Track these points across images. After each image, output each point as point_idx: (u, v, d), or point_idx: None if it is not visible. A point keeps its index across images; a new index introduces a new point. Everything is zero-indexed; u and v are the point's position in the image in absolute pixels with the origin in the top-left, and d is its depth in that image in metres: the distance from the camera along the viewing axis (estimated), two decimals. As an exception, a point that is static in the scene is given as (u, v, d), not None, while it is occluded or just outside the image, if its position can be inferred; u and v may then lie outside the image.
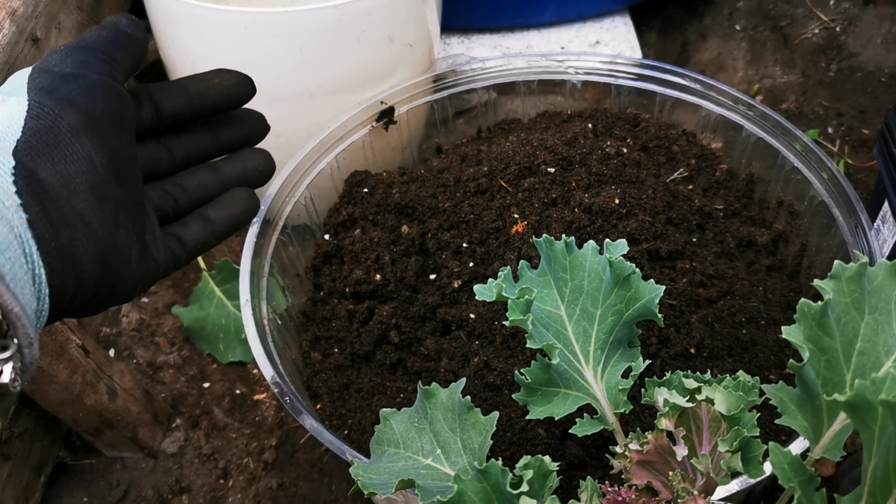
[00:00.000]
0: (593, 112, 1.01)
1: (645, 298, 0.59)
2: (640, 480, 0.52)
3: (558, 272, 0.63)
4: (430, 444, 0.59)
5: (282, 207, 0.93)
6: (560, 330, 0.62)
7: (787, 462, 0.46)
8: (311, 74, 1.02)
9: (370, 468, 0.58)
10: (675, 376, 0.55)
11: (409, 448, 0.59)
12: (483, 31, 1.48)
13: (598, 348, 0.61)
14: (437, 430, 0.59)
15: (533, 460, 0.51)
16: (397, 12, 1.02)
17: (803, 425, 0.50)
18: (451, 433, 0.59)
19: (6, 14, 0.91)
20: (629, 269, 0.59)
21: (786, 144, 0.93)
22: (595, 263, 0.62)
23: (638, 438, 0.53)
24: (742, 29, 1.53)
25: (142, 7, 1.09)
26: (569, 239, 0.63)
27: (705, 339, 0.79)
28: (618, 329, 0.61)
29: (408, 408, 0.61)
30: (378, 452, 0.60)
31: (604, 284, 0.61)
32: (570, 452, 0.72)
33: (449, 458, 0.58)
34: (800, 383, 0.51)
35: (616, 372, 0.61)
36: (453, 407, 0.59)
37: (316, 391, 0.85)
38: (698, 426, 0.52)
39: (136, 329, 1.14)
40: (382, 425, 0.60)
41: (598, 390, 0.59)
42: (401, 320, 0.87)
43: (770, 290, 0.87)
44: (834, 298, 0.50)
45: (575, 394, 0.60)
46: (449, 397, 0.59)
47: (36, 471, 0.94)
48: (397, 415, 0.61)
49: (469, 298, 0.85)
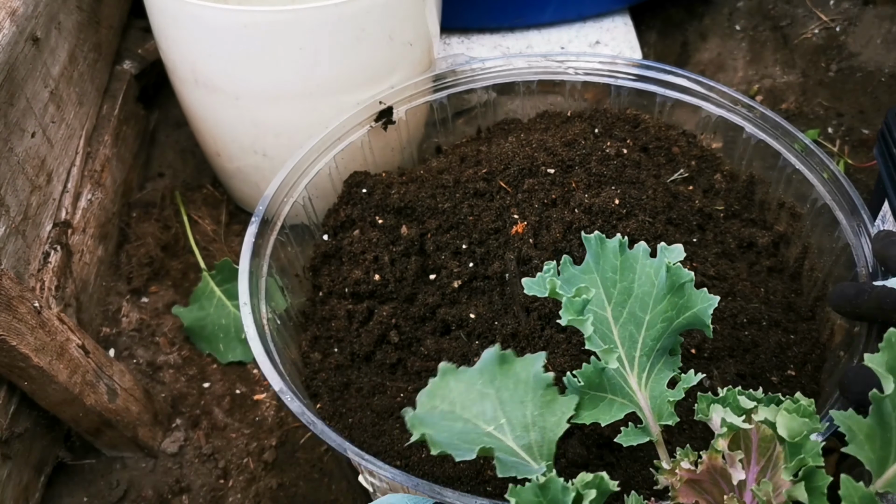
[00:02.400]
0: (593, 112, 1.01)
1: (697, 308, 0.57)
2: (688, 499, 0.50)
3: (607, 272, 0.60)
4: (493, 412, 0.55)
5: (280, 207, 0.93)
6: (606, 332, 0.60)
7: (859, 496, 0.45)
8: (311, 74, 1.02)
9: (427, 422, 0.54)
10: (730, 393, 0.52)
11: (466, 410, 0.55)
12: (483, 31, 1.48)
13: (643, 355, 0.59)
14: (503, 398, 0.55)
15: (594, 478, 0.49)
16: (397, 11, 1.02)
17: (869, 456, 0.48)
18: (519, 405, 0.55)
19: (6, 14, 0.91)
20: (686, 277, 0.57)
21: (786, 145, 0.93)
22: (647, 266, 0.60)
23: (689, 456, 0.51)
24: (742, 29, 1.52)
25: (142, 7, 1.09)
26: (623, 239, 0.60)
27: (706, 339, 0.79)
28: (665, 337, 0.59)
29: (468, 367, 0.57)
30: (427, 406, 0.55)
31: (656, 289, 0.59)
32: (573, 451, 0.72)
33: (514, 431, 0.54)
34: (874, 414, 0.49)
35: (660, 380, 0.59)
36: (528, 379, 0.56)
37: (316, 391, 0.85)
38: (748, 447, 0.50)
39: (136, 329, 1.14)
40: (439, 380, 0.56)
41: (642, 398, 0.57)
42: (400, 320, 0.86)
43: (771, 292, 0.87)
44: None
45: (621, 401, 0.58)
46: (526, 368, 0.56)
47: (36, 471, 0.94)
48: (457, 373, 0.56)
49: (469, 298, 0.85)
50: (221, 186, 1.30)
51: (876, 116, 1.34)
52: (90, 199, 1.11)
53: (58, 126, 1.03)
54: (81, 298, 1.06)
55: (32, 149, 0.96)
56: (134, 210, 1.25)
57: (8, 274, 0.79)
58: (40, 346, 0.82)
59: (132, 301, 1.16)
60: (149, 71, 1.32)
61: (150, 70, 1.32)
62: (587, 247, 0.61)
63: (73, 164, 1.08)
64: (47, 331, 0.84)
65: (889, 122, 0.94)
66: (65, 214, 1.04)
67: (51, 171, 1.01)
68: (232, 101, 1.06)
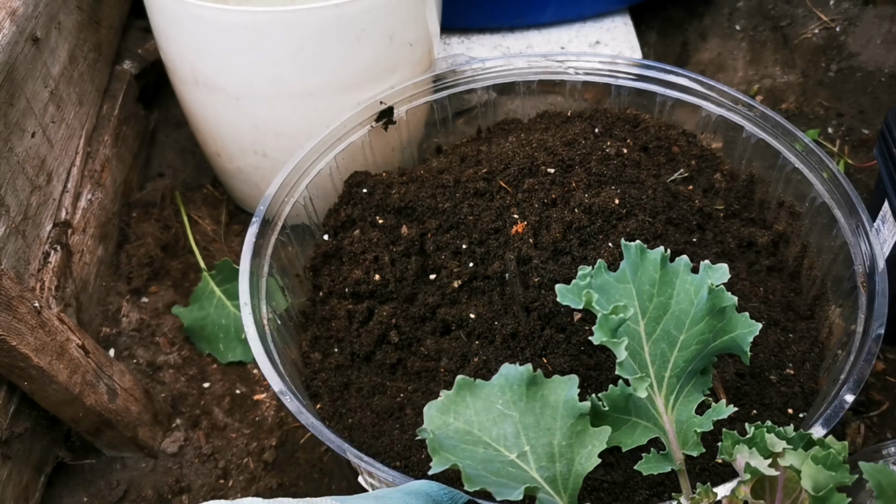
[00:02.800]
0: (593, 112, 1.01)
1: (736, 332, 0.55)
2: None
3: (643, 284, 0.57)
4: (516, 437, 0.51)
5: (281, 207, 0.93)
6: (636, 348, 0.56)
7: None
8: (311, 74, 1.02)
9: (447, 445, 0.50)
10: (758, 432, 0.49)
11: (485, 432, 0.51)
12: (483, 31, 1.48)
13: (673, 375, 0.55)
14: (528, 423, 0.51)
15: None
16: (397, 12, 1.02)
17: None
18: (546, 433, 0.51)
19: (6, 14, 0.91)
20: (729, 301, 0.54)
21: (786, 145, 0.93)
22: (687, 283, 0.56)
23: (708, 496, 0.49)
24: (742, 29, 1.52)
25: (142, 7, 1.09)
26: (666, 252, 0.57)
27: (705, 339, 0.79)
28: (699, 359, 0.55)
29: (486, 381, 0.53)
30: (438, 422, 0.52)
31: (694, 308, 0.55)
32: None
33: (539, 461, 0.50)
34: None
35: (688, 404, 0.56)
36: (558, 405, 0.52)
37: (316, 391, 0.85)
38: (773, 487, 0.48)
39: (136, 329, 1.14)
40: (455, 394, 0.52)
41: (668, 422, 0.54)
42: (401, 320, 0.87)
43: (771, 291, 0.87)
44: None
45: (644, 424, 0.55)
46: (555, 392, 0.52)
47: (36, 471, 0.94)
48: (476, 387, 0.52)
49: (469, 298, 0.85)
50: (221, 186, 1.30)
51: (876, 116, 1.34)
52: (90, 199, 1.11)
53: (58, 126, 1.03)
54: (81, 298, 1.06)
55: (32, 149, 0.96)
56: (134, 210, 1.25)
57: (8, 274, 0.79)
58: (40, 346, 0.82)
59: (132, 301, 1.16)
60: (149, 71, 1.32)
61: (150, 70, 1.32)
62: (626, 254, 0.58)
63: (73, 164, 1.08)
64: (47, 331, 0.84)
65: (889, 122, 0.94)
66: (65, 214, 1.04)
67: (51, 171, 1.01)
68: (232, 101, 1.06)
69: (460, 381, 0.53)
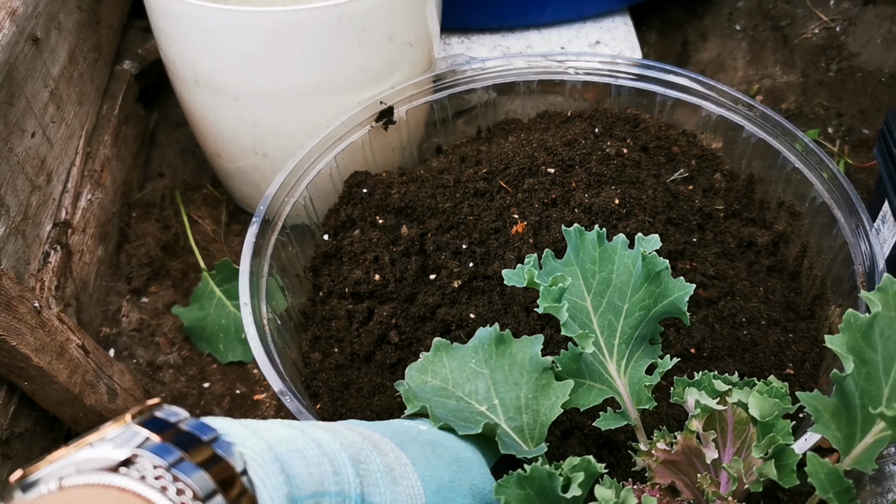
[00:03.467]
0: (593, 112, 1.01)
1: (674, 296, 0.59)
2: (664, 480, 0.51)
3: (586, 263, 0.62)
4: (487, 392, 0.56)
5: (281, 207, 0.93)
6: (585, 321, 0.61)
7: (825, 472, 0.46)
8: (311, 74, 1.02)
9: (421, 396, 0.55)
10: (705, 377, 0.53)
11: (459, 388, 0.56)
12: (483, 31, 1.48)
13: (622, 342, 0.60)
14: (497, 378, 0.56)
15: (581, 461, 0.49)
16: (397, 12, 1.02)
17: (836, 436, 0.49)
18: (514, 387, 0.56)
19: (6, 14, 0.91)
20: (661, 265, 0.59)
21: (786, 145, 0.93)
22: (625, 257, 0.61)
23: (665, 437, 0.52)
24: (742, 29, 1.52)
25: (142, 7, 1.09)
26: (601, 230, 0.62)
27: (706, 339, 0.79)
28: (643, 325, 0.60)
29: (462, 344, 0.58)
30: (418, 381, 0.56)
31: (633, 279, 0.60)
32: (573, 451, 0.72)
33: (507, 413, 0.55)
34: (837, 394, 0.50)
35: (639, 367, 0.60)
36: (525, 361, 0.56)
37: (316, 391, 0.85)
38: (723, 428, 0.51)
39: (136, 329, 1.14)
40: (432, 354, 0.57)
41: (621, 385, 0.58)
42: (401, 320, 0.86)
43: (771, 291, 0.87)
44: (882, 312, 0.48)
45: (599, 386, 0.59)
46: (522, 350, 0.56)
47: (36, 471, 0.94)
48: (451, 349, 0.57)
49: (469, 298, 0.85)
50: (221, 186, 1.30)
51: (876, 116, 1.34)
52: (90, 199, 1.11)
53: (58, 126, 1.03)
54: (81, 298, 1.06)
55: (32, 149, 0.96)
56: (134, 210, 1.25)
57: (8, 274, 0.79)
58: (40, 346, 0.82)
59: (132, 301, 1.16)
60: (149, 71, 1.32)
61: (150, 70, 1.32)
62: (567, 239, 0.62)
63: (73, 164, 1.08)
64: (47, 331, 0.84)
65: (889, 122, 0.94)
66: (65, 214, 1.04)
67: (51, 171, 1.01)
68: (232, 102, 1.06)
69: (437, 342, 0.57)
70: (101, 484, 0.37)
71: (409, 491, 0.49)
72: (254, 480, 0.41)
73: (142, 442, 0.39)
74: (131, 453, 0.39)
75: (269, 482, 0.41)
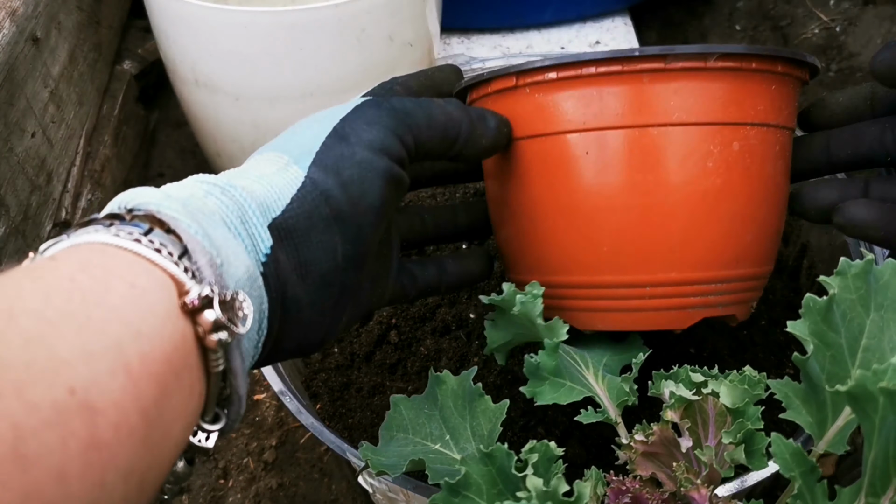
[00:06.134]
0: (593, 112, 1.01)
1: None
2: (645, 471, 0.52)
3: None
4: (440, 430, 0.59)
5: (282, 207, 0.93)
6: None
7: (789, 453, 0.46)
8: (311, 74, 1.02)
9: (380, 451, 0.58)
10: (682, 370, 0.54)
11: (417, 433, 0.59)
12: (483, 31, 1.48)
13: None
14: (446, 416, 0.59)
15: (539, 445, 0.50)
16: (397, 12, 1.02)
17: (808, 420, 0.50)
18: (460, 419, 0.58)
19: (6, 14, 0.91)
20: None
21: (786, 144, 0.93)
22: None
23: (644, 430, 0.53)
24: (742, 29, 1.53)
25: (142, 7, 1.09)
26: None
27: (705, 339, 0.79)
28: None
29: (418, 395, 0.61)
30: (387, 438, 0.60)
31: None
32: (572, 452, 0.72)
33: (458, 444, 0.58)
34: (804, 378, 0.50)
35: (617, 370, 0.61)
36: (463, 394, 0.59)
37: (316, 391, 0.85)
38: (704, 420, 0.52)
39: (135, 329, 1.14)
40: (392, 411, 0.60)
41: (600, 390, 0.59)
42: (400, 320, 0.87)
43: (770, 291, 0.87)
44: (839, 294, 0.49)
45: (580, 388, 0.60)
46: (459, 384, 0.59)
47: (36, 471, 0.94)
48: (407, 401, 0.60)
49: (469, 298, 0.85)
50: (221, 186, 1.30)
51: (876, 116, 1.33)
52: (90, 199, 1.11)
53: (58, 126, 1.04)
54: (81, 298, 1.06)
55: (32, 149, 0.96)
56: (134, 210, 1.25)
57: (8, 274, 0.79)
58: (40, 346, 0.82)
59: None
60: (149, 71, 1.32)
61: (150, 70, 1.32)
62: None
63: (73, 164, 1.08)
64: (47, 330, 0.84)
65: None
66: (65, 214, 1.04)
67: (51, 171, 1.01)
68: (232, 102, 1.06)
69: (394, 399, 0.61)
70: (104, 243, 0.40)
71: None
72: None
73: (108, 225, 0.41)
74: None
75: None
